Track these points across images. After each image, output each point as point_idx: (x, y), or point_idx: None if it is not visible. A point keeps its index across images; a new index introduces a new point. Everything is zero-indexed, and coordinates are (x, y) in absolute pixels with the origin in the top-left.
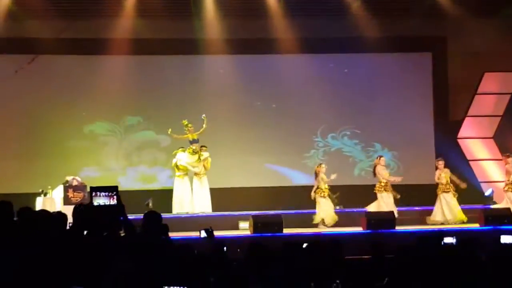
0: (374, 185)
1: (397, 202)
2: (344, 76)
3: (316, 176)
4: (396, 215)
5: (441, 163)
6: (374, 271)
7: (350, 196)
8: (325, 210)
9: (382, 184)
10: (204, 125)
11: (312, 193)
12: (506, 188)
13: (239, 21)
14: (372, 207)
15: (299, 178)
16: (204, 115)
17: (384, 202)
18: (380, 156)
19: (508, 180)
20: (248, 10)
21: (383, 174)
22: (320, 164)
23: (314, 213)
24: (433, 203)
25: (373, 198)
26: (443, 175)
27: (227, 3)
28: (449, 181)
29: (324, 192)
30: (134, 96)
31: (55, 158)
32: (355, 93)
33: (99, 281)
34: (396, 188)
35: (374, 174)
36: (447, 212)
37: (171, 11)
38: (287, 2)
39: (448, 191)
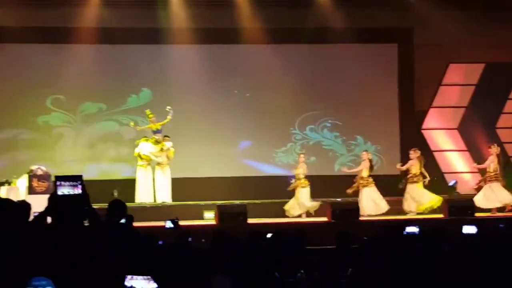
0: (354, 176)
1: None
2: (311, 67)
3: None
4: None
5: (412, 153)
6: (339, 261)
7: (328, 187)
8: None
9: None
10: (168, 117)
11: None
12: (489, 178)
13: (206, 10)
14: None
15: (268, 169)
16: (169, 107)
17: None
18: (365, 151)
19: (490, 171)
20: None
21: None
22: (300, 154)
23: (281, 203)
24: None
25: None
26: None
27: None
28: (418, 172)
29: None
30: (98, 86)
31: (16, 150)
32: (324, 84)
33: (66, 271)
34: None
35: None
36: (411, 202)
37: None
38: None
39: (413, 182)
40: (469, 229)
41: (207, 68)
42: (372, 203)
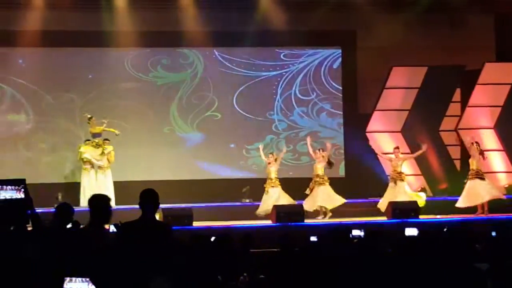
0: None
1: None
2: (256, 70)
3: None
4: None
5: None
6: (282, 264)
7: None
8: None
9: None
10: (112, 130)
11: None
12: (471, 177)
13: (151, 13)
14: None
15: (222, 171)
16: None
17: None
18: (319, 149)
19: (473, 169)
20: (159, 2)
21: (317, 167)
22: (272, 153)
23: (223, 206)
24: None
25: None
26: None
27: None
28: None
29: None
30: (37, 90)
31: None
32: (268, 87)
33: (6, 273)
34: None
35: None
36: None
37: (81, 2)
38: None
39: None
40: (411, 231)
41: (151, 70)
42: (327, 197)
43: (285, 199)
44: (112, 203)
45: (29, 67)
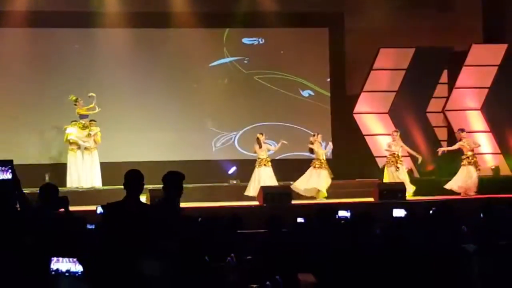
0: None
1: None
2: (243, 52)
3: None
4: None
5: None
6: (270, 245)
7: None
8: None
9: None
10: (95, 106)
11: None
12: (464, 163)
13: None
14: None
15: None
16: (91, 93)
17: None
18: (318, 133)
19: (465, 155)
20: None
21: (320, 152)
22: (261, 133)
23: (214, 187)
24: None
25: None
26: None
27: None
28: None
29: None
30: (24, 71)
31: None
32: (254, 68)
33: None
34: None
35: (311, 151)
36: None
37: None
38: None
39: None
40: (399, 212)
41: (139, 52)
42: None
43: (272, 180)
44: (99, 184)
45: (16, 48)
